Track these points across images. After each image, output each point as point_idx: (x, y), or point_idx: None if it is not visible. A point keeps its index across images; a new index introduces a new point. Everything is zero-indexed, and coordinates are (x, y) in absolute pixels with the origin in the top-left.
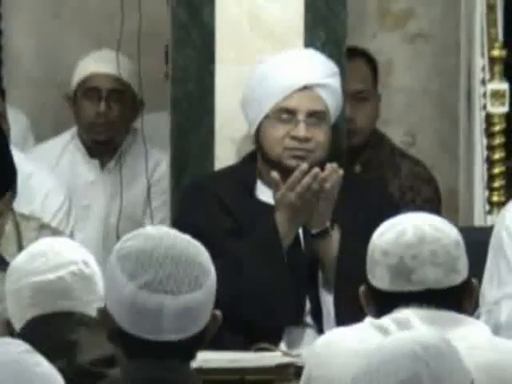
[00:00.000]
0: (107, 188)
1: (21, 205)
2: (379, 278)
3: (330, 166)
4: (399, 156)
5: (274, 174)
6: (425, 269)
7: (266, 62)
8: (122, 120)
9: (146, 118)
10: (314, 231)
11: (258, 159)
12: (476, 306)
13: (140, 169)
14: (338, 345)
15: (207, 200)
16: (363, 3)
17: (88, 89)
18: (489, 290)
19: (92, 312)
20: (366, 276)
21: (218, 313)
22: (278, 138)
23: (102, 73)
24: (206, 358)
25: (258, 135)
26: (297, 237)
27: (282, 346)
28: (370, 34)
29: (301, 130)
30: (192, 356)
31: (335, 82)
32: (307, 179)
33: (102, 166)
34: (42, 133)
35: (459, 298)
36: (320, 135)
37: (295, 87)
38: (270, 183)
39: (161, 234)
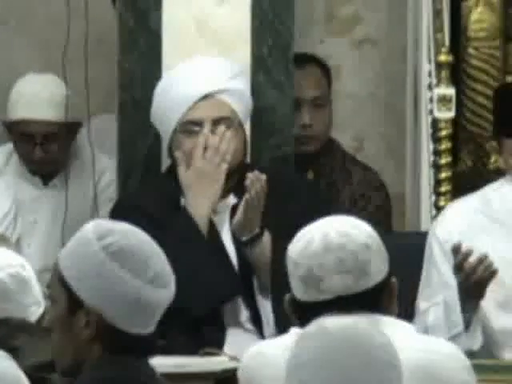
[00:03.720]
0: (52, 204)
1: None
2: (295, 289)
3: (253, 175)
4: (350, 163)
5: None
6: (332, 277)
7: (165, 78)
8: (60, 151)
9: (95, 123)
10: (244, 238)
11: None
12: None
13: (84, 181)
14: (266, 356)
15: (134, 215)
16: (310, 9)
17: (21, 133)
18: (421, 301)
19: (31, 316)
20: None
21: None
22: (189, 151)
23: (33, 119)
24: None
25: (171, 150)
26: (215, 230)
27: (226, 350)
28: (316, 39)
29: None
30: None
31: (238, 83)
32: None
33: (46, 182)
34: None
35: (377, 300)
36: (232, 142)
37: (196, 98)
38: None
39: (128, 229)
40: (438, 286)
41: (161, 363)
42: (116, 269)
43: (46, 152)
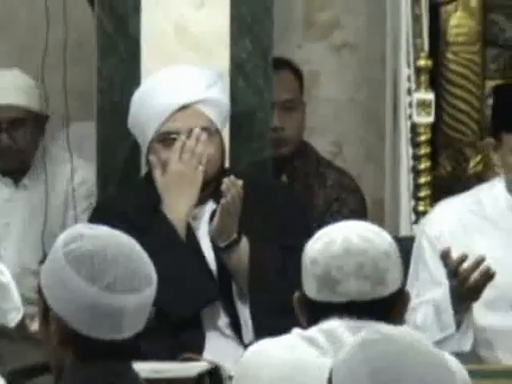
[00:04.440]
0: (25, 205)
1: None
2: (308, 287)
3: (228, 180)
4: (325, 166)
5: (152, 157)
6: (349, 281)
7: (142, 87)
8: (28, 143)
9: (73, 129)
10: (221, 244)
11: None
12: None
13: (55, 181)
14: (267, 356)
15: (114, 220)
16: (289, 13)
17: None
18: None
19: (10, 322)
20: (280, 284)
21: None
22: (166, 160)
23: None
24: None
25: (148, 157)
26: (192, 233)
27: (205, 355)
28: (295, 44)
29: None
30: (137, 355)
31: (214, 92)
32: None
33: (16, 182)
34: None
35: (388, 309)
36: (209, 149)
37: (174, 109)
38: None
39: (102, 233)
40: (428, 283)
41: (139, 368)
42: (73, 276)
43: (13, 140)
